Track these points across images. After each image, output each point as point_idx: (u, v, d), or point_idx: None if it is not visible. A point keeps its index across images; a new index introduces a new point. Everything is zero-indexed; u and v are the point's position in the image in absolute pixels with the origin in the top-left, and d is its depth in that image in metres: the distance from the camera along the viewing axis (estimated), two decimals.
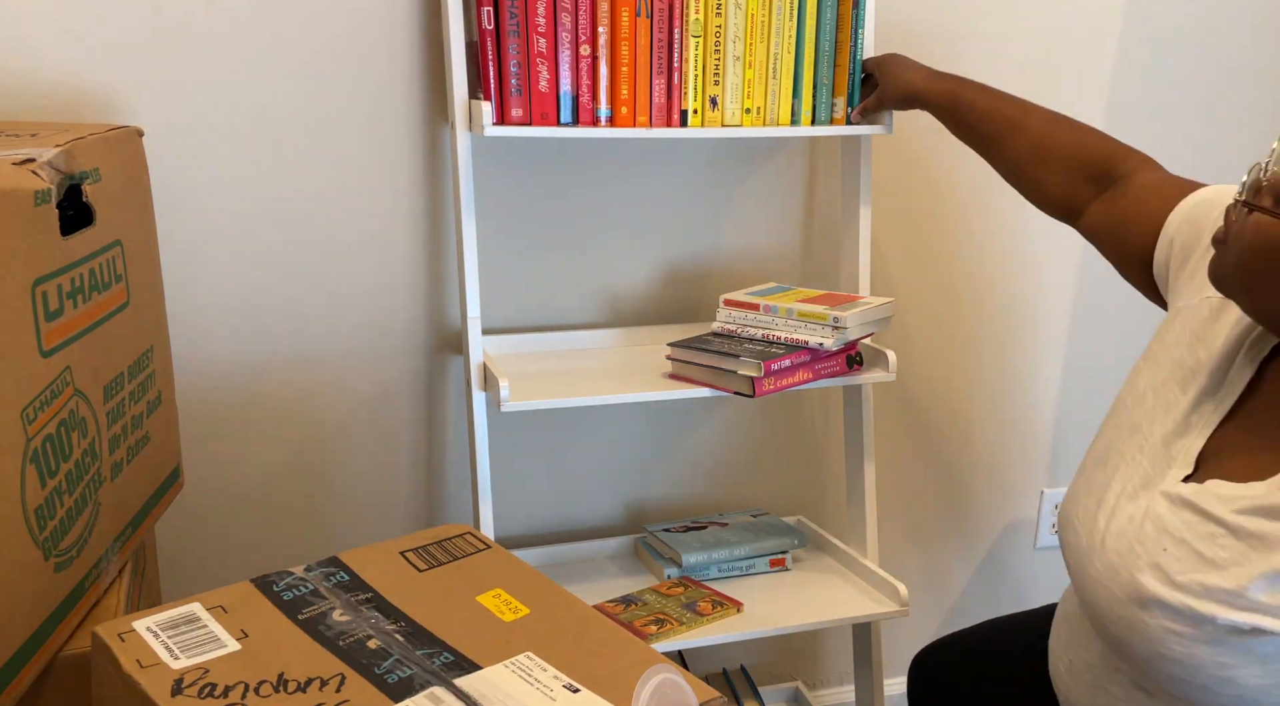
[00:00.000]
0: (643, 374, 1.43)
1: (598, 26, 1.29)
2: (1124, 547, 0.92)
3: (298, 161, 1.39)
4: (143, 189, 1.11)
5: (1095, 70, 1.72)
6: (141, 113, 1.32)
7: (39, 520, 0.87)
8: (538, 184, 1.50)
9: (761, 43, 1.36)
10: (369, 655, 0.82)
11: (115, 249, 1.02)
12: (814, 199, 1.64)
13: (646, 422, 1.66)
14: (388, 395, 1.52)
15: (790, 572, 1.57)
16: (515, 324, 1.55)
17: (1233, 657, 0.85)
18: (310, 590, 0.91)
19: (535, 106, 1.29)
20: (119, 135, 1.05)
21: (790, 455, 1.76)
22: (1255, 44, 1.80)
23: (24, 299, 0.84)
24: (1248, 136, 1.86)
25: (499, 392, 1.29)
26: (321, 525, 1.54)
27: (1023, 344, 1.79)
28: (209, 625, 0.85)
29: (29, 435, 0.84)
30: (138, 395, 1.08)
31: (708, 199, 1.58)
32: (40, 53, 1.26)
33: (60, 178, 0.89)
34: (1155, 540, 0.90)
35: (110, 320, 1.00)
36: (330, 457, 1.52)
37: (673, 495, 1.71)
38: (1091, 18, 1.69)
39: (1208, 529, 0.87)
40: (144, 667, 0.79)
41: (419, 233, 1.47)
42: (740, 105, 1.37)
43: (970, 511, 1.87)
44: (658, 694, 0.78)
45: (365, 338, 1.48)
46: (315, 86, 1.37)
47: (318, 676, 0.79)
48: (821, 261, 1.67)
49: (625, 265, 1.58)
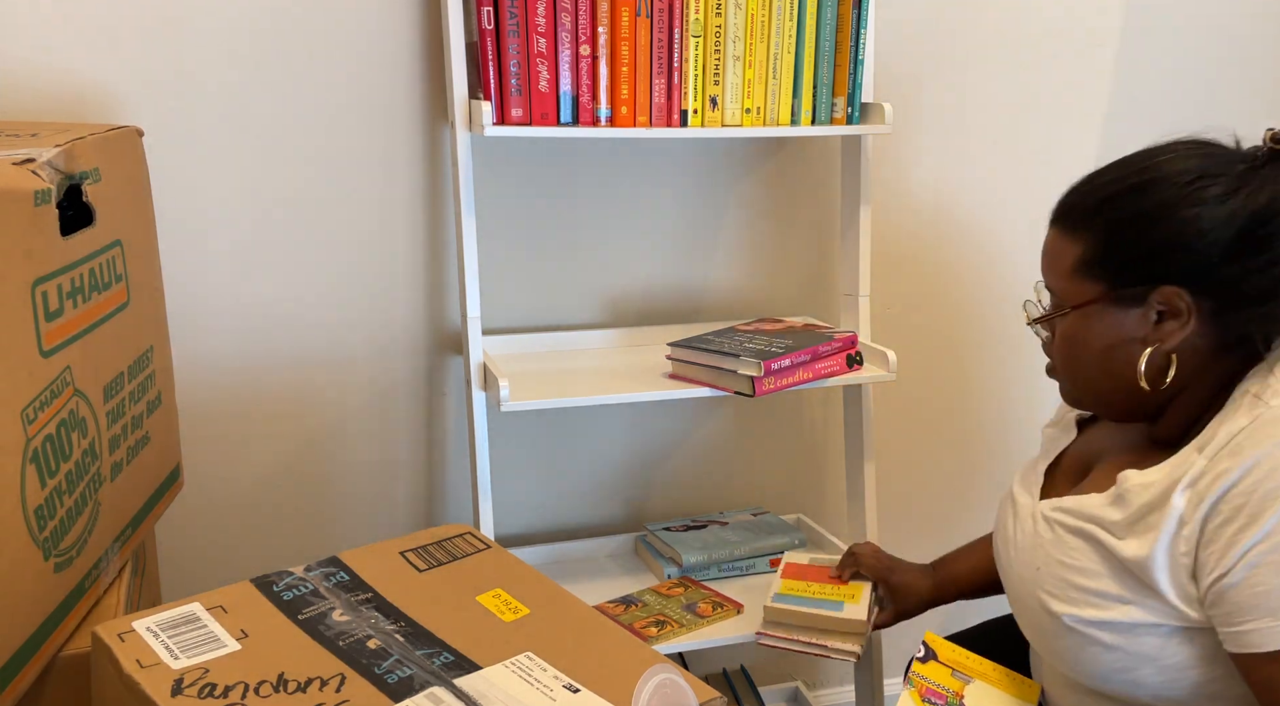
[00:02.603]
0: (642, 374, 1.42)
1: (598, 26, 1.29)
2: (1026, 568, 1.06)
3: (298, 161, 1.39)
4: (143, 189, 1.11)
5: (1095, 70, 1.72)
6: (141, 113, 1.32)
7: (39, 520, 0.87)
8: (538, 184, 1.50)
9: (761, 43, 1.36)
10: (369, 655, 0.82)
11: (115, 249, 1.02)
12: (814, 199, 1.64)
13: (646, 422, 1.66)
14: (388, 395, 1.52)
15: None
16: (515, 324, 1.55)
17: (1127, 660, 0.95)
18: (310, 590, 0.91)
19: (535, 106, 1.29)
20: (119, 135, 1.05)
21: (790, 455, 1.76)
22: (1256, 44, 1.80)
23: (24, 299, 0.83)
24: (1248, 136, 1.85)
25: (499, 392, 1.29)
26: (321, 525, 1.54)
27: (1023, 343, 1.79)
28: (209, 625, 0.85)
29: (29, 435, 0.84)
30: (138, 395, 1.08)
31: (707, 199, 1.58)
32: (41, 52, 1.26)
33: (60, 177, 0.89)
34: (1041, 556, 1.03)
35: (110, 320, 1.00)
36: (330, 458, 1.52)
37: (673, 494, 1.71)
38: (1091, 17, 1.69)
39: (1068, 540, 0.99)
40: (144, 667, 0.79)
41: (419, 233, 1.47)
42: (740, 105, 1.37)
43: (970, 511, 1.87)
44: (658, 694, 0.78)
45: (365, 337, 1.48)
46: (315, 86, 1.37)
47: (318, 676, 0.79)
48: (821, 261, 1.67)
49: (625, 265, 1.58)
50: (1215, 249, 0.90)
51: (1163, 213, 0.91)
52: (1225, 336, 0.94)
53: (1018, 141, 1.72)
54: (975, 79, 1.66)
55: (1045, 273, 1.02)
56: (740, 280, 1.64)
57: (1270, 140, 0.93)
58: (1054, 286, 1.01)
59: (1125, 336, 0.95)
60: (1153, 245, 0.92)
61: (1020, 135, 1.71)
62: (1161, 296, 0.93)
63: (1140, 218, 0.92)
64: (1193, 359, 0.95)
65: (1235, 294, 0.91)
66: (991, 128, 1.69)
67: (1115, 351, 0.96)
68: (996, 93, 1.68)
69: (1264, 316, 0.92)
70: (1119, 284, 0.95)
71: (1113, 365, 0.97)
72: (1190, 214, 0.90)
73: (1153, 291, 0.93)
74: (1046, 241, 1.02)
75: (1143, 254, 0.93)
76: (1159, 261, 0.92)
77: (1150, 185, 0.93)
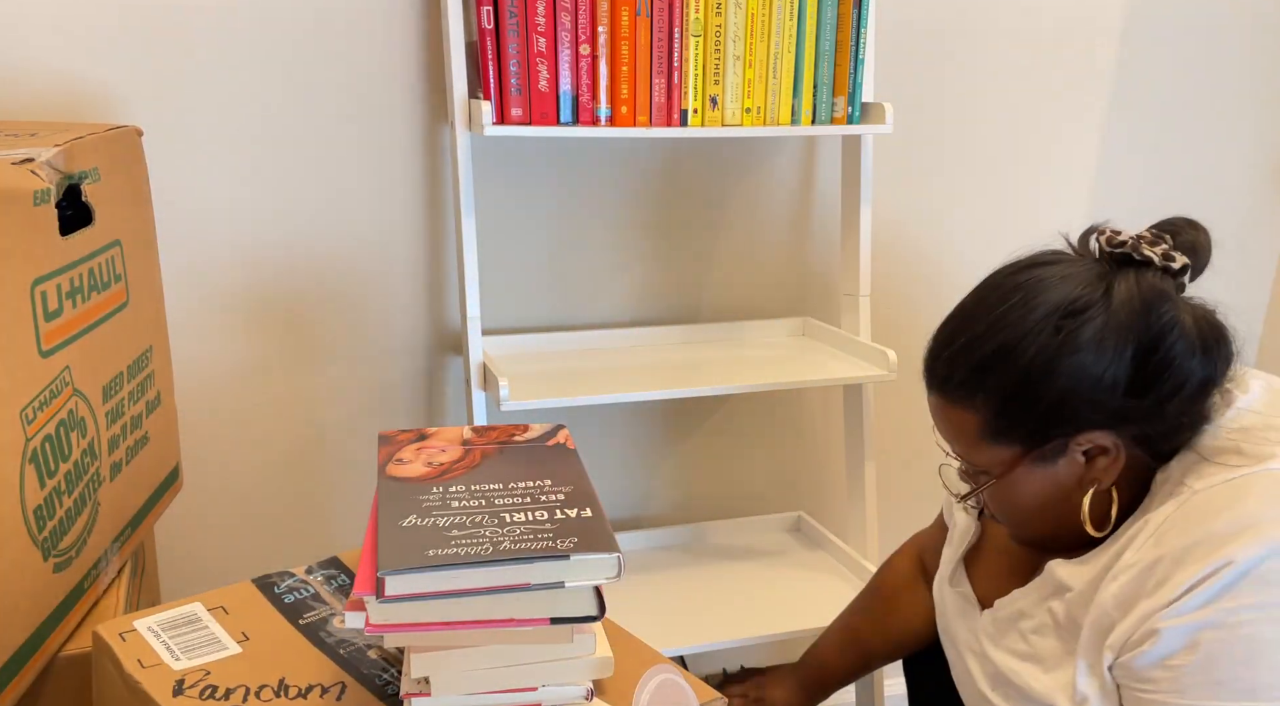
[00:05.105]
0: (642, 373, 1.42)
1: (597, 26, 1.28)
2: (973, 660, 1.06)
3: (297, 161, 1.39)
4: (142, 189, 1.11)
5: (1095, 70, 1.72)
6: (141, 113, 1.31)
7: (38, 520, 0.86)
8: (538, 184, 1.50)
9: (761, 42, 1.36)
10: (369, 664, 0.82)
11: (114, 249, 1.01)
12: (814, 199, 1.64)
13: (646, 422, 1.66)
14: (388, 395, 1.52)
15: (790, 572, 1.56)
16: (515, 324, 1.55)
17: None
18: (311, 594, 0.91)
19: (535, 106, 1.29)
20: (118, 135, 1.04)
21: (790, 455, 1.76)
22: (1256, 44, 1.80)
23: (23, 299, 0.83)
24: (1248, 136, 1.86)
25: (499, 392, 1.29)
26: (321, 525, 1.54)
27: None
28: (210, 626, 0.85)
29: (28, 435, 0.84)
30: (137, 395, 1.08)
31: (707, 199, 1.58)
32: (39, 52, 1.26)
33: (59, 177, 0.89)
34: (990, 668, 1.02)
35: (109, 320, 1.00)
36: (330, 457, 1.52)
37: (672, 494, 1.71)
38: (1092, 17, 1.69)
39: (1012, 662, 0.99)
40: (145, 667, 0.79)
41: (419, 233, 1.47)
42: (740, 105, 1.37)
43: None
44: (658, 694, 0.78)
45: (365, 337, 1.48)
46: (315, 86, 1.37)
47: (319, 683, 0.79)
48: (821, 261, 1.67)
49: (625, 265, 1.57)
50: (1118, 388, 0.85)
51: (1047, 368, 0.85)
52: (1159, 451, 0.89)
53: (1018, 141, 1.71)
54: (976, 78, 1.66)
55: (950, 442, 0.95)
56: (740, 280, 1.64)
57: (1107, 244, 0.88)
58: (966, 456, 0.95)
59: (1060, 486, 0.91)
60: (1051, 402, 0.86)
61: (1021, 135, 1.71)
62: (1083, 441, 0.88)
63: (1025, 380, 0.86)
64: (1132, 482, 0.91)
65: (1157, 416, 0.86)
66: (992, 127, 1.69)
67: (1055, 503, 0.92)
68: (997, 92, 1.68)
69: (1192, 425, 0.88)
70: (1033, 444, 0.89)
71: (1057, 514, 0.93)
72: (1075, 362, 0.84)
73: (1071, 440, 0.88)
74: (935, 407, 0.95)
75: (1045, 412, 0.87)
76: (1066, 414, 0.87)
77: (1018, 343, 0.86)
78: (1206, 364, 0.86)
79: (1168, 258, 0.86)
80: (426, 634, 0.73)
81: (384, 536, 0.73)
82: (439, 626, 0.72)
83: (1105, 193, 1.80)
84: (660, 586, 1.52)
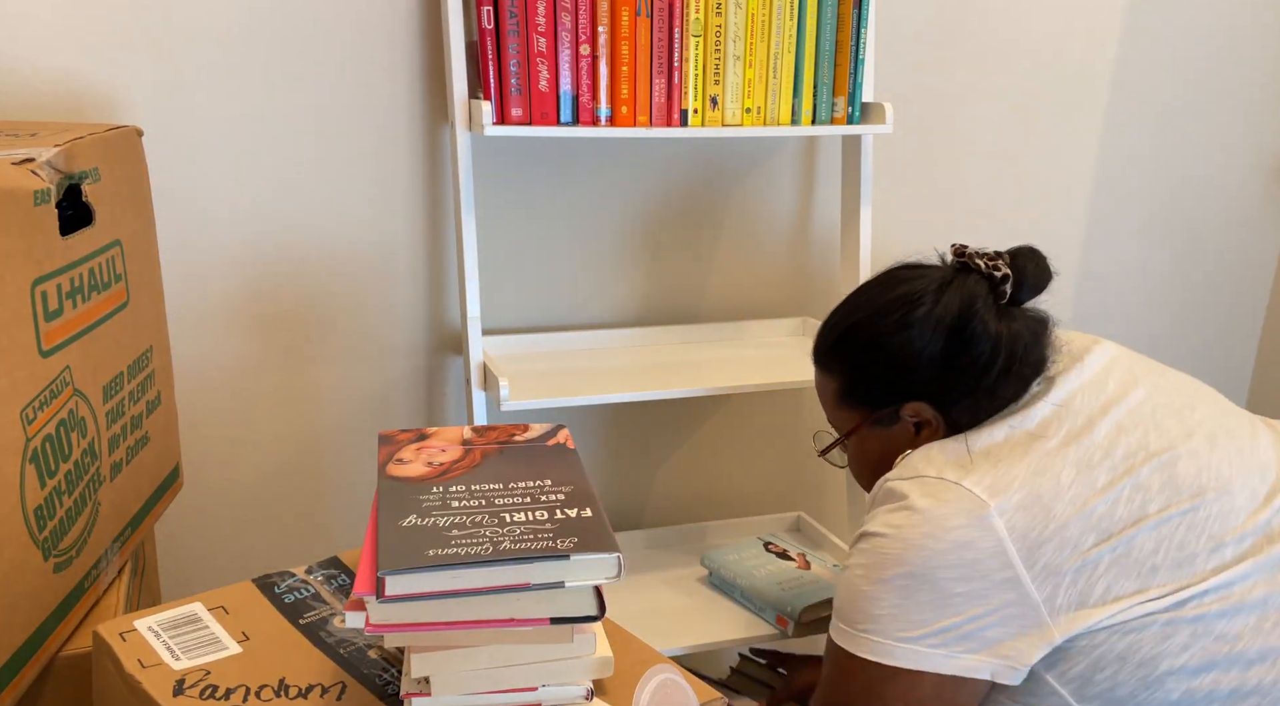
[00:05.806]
0: (643, 373, 1.42)
1: (598, 26, 1.28)
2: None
3: (297, 161, 1.39)
4: (142, 189, 1.11)
5: (1095, 70, 1.72)
6: (141, 113, 1.31)
7: (38, 520, 0.86)
8: (538, 184, 1.50)
9: (762, 42, 1.36)
10: (369, 664, 0.82)
11: (115, 249, 1.01)
12: (814, 199, 1.64)
13: (646, 421, 1.66)
14: (388, 395, 1.52)
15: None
16: (515, 324, 1.55)
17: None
18: (312, 593, 0.91)
19: (535, 106, 1.29)
20: (118, 135, 1.04)
21: (790, 454, 1.76)
22: (1255, 45, 1.80)
23: (23, 299, 0.83)
24: (1247, 137, 1.86)
25: (499, 392, 1.29)
26: (321, 525, 1.54)
27: None
28: (210, 626, 0.85)
29: (28, 435, 0.84)
30: (137, 395, 1.08)
31: (707, 199, 1.58)
32: (40, 52, 1.26)
33: (59, 177, 0.89)
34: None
35: (110, 320, 1.00)
36: (330, 457, 1.52)
37: (672, 494, 1.71)
38: (1092, 18, 1.69)
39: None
40: (145, 667, 0.79)
41: (419, 233, 1.47)
42: (740, 105, 1.37)
43: None
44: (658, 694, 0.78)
45: (365, 337, 1.48)
46: (315, 86, 1.37)
47: (319, 683, 0.79)
48: (821, 261, 1.67)
49: (625, 265, 1.57)
50: (933, 362, 1.02)
51: (882, 342, 1.04)
52: (975, 422, 1.02)
53: (1018, 141, 1.72)
54: (976, 78, 1.66)
55: (822, 407, 1.14)
56: (740, 280, 1.64)
57: (955, 253, 1.06)
58: (829, 418, 1.13)
59: (895, 449, 1.07)
60: (883, 371, 1.05)
61: (1021, 134, 1.71)
62: (910, 411, 1.05)
63: (868, 350, 1.05)
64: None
65: (965, 390, 1.01)
66: (992, 127, 1.69)
67: (887, 464, 1.06)
68: (997, 92, 1.68)
69: (990, 396, 1.01)
70: (873, 408, 1.07)
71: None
72: (903, 338, 1.02)
73: (901, 408, 1.05)
74: (815, 378, 1.14)
75: (880, 381, 1.06)
76: (895, 383, 1.04)
77: (867, 320, 1.06)
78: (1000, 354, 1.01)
79: (993, 268, 1.03)
80: (426, 634, 0.73)
81: (384, 536, 0.73)
82: (439, 626, 0.72)
83: (1104, 192, 1.80)
84: (660, 586, 1.52)
